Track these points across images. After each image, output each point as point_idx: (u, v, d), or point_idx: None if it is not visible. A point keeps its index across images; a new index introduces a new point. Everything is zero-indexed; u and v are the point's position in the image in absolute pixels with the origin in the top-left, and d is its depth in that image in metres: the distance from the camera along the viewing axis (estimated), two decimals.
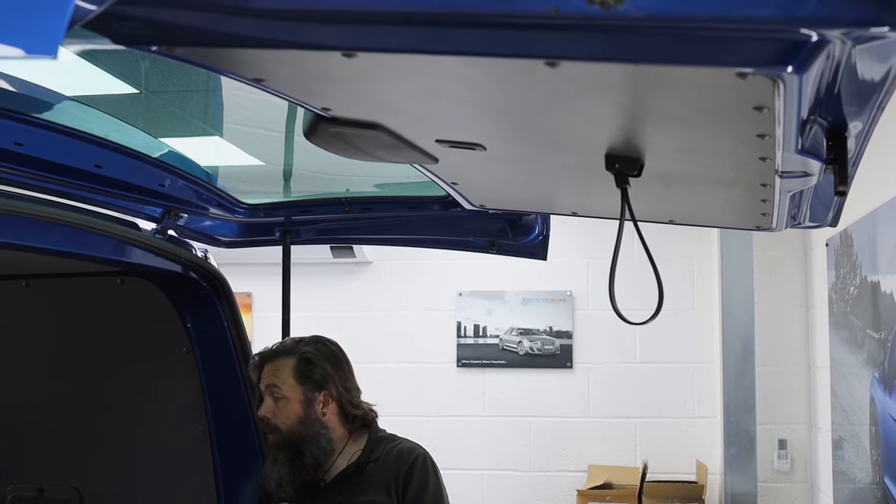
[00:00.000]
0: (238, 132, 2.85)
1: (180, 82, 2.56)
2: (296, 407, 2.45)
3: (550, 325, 5.68)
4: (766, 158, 1.56)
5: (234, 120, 2.80)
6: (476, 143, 1.73)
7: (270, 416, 2.46)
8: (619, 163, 1.70)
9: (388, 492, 2.43)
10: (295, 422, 2.45)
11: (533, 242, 2.86)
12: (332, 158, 2.79)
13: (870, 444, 3.64)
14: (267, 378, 2.48)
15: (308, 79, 1.37)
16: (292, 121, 2.73)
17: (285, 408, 2.46)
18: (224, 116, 2.79)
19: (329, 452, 2.47)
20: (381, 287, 5.80)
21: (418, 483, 2.45)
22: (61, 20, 0.84)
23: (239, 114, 2.75)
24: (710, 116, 1.33)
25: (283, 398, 2.46)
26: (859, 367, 3.81)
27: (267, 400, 2.47)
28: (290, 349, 2.51)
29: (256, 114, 2.71)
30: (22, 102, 2.07)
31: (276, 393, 2.47)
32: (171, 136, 2.67)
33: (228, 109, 2.75)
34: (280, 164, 2.91)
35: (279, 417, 2.45)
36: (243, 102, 2.66)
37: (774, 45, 0.98)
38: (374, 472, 2.47)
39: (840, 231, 4.12)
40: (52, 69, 2.10)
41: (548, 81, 1.17)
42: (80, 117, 2.21)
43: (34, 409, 3.13)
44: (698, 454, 5.38)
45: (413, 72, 1.22)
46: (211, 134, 2.86)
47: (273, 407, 2.46)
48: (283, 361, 2.49)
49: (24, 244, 2.26)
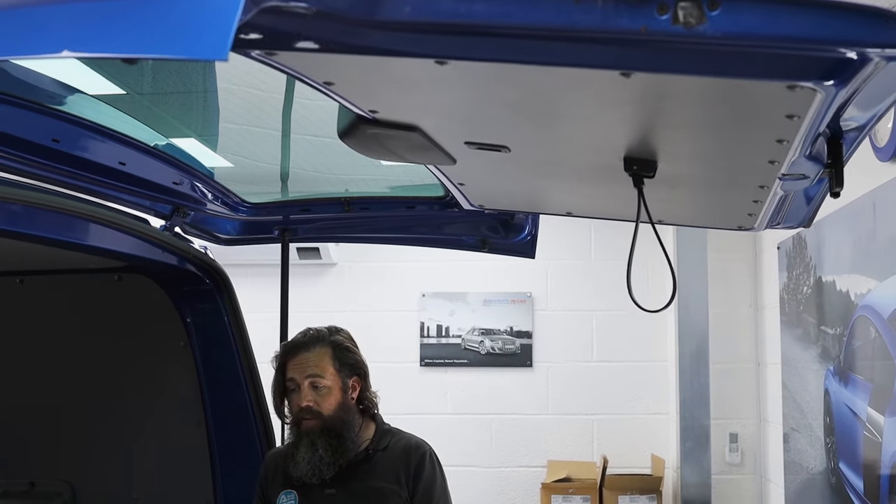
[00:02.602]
0: (241, 132, 2.94)
1: (179, 84, 2.65)
2: (337, 394, 2.54)
3: (511, 325, 5.86)
4: (774, 162, 1.74)
5: (237, 120, 2.90)
6: (502, 145, 1.87)
7: (313, 405, 2.52)
8: (638, 165, 1.85)
9: (397, 480, 2.53)
10: (336, 408, 2.53)
11: (523, 241, 3.00)
12: (334, 159, 2.92)
13: (824, 434, 3.88)
14: (304, 368, 2.53)
15: (376, 83, 1.50)
16: (288, 121, 2.84)
17: (328, 395, 2.53)
18: (228, 117, 2.88)
19: (358, 437, 2.57)
20: (345, 288, 5.91)
21: (428, 476, 2.57)
22: (229, 25, 0.96)
23: (242, 114, 2.84)
24: (743, 123, 1.49)
25: (325, 387, 2.53)
26: (812, 362, 4.05)
27: (306, 389, 2.52)
28: (323, 338, 2.59)
29: (260, 115, 2.81)
30: (60, 100, 2.15)
31: (318, 382, 2.53)
32: (182, 136, 2.76)
33: (232, 110, 2.84)
34: (283, 164, 3.01)
35: (322, 405, 2.52)
36: (248, 103, 2.76)
37: (825, 62, 1.15)
38: (382, 460, 2.57)
39: (793, 235, 4.37)
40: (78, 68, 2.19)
41: (612, 91, 1.32)
42: (108, 115, 2.29)
43: (27, 405, 3.14)
44: (653, 449, 5.61)
45: (490, 79, 1.36)
46: (214, 134, 2.95)
47: (314, 395, 2.52)
48: (321, 350, 2.56)
49: (32, 234, 2.27)
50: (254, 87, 2.59)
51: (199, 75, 2.60)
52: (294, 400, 2.55)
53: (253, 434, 3.05)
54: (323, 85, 1.51)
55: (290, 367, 2.56)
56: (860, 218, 3.42)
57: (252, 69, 2.55)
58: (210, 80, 2.63)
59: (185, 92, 2.75)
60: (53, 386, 3.13)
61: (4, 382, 3.13)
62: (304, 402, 2.52)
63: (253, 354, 3.03)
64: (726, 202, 2.29)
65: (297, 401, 2.53)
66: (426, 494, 2.56)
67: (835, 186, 1.81)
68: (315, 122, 2.72)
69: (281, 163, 3.05)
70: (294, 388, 2.55)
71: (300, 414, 2.53)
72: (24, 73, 1.98)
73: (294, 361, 2.55)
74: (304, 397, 2.52)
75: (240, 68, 2.54)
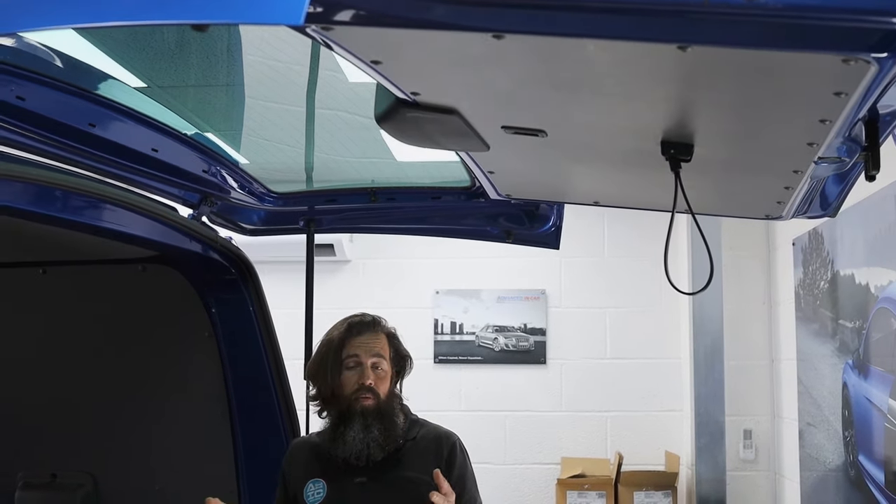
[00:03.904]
0: (267, 121, 2.94)
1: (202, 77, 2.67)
2: (389, 381, 2.56)
3: (525, 322, 5.87)
4: (813, 144, 1.75)
5: (263, 110, 2.90)
6: (540, 128, 1.89)
7: (374, 385, 2.51)
8: (675, 148, 1.86)
9: (427, 470, 2.50)
10: (389, 393, 2.55)
11: (547, 232, 3.01)
12: (361, 148, 2.93)
13: (842, 427, 3.89)
14: (370, 347, 2.54)
15: (425, 61, 1.52)
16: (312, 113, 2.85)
17: (384, 379, 2.54)
18: (255, 107, 2.88)
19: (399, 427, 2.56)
20: (359, 285, 5.92)
21: (458, 466, 2.57)
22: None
23: (269, 104, 2.85)
24: (788, 101, 1.50)
25: (384, 370, 2.55)
26: (830, 356, 4.06)
27: (368, 368, 2.52)
28: (384, 324, 2.61)
29: (287, 104, 2.82)
30: (96, 83, 2.16)
31: (380, 364, 2.54)
32: (212, 126, 2.77)
33: (259, 100, 2.85)
34: (310, 154, 3.01)
35: (379, 387, 2.52)
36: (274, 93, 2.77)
37: (883, 34, 1.16)
38: (412, 450, 2.56)
39: (808, 230, 4.38)
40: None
41: (664, 66, 1.34)
42: (144, 100, 2.31)
43: (49, 396, 3.14)
44: (667, 446, 5.61)
45: (543, 54, 1.37)
46: (240, 124, 2.95)
47: (374, 376, 2.52)
48: (380, 335, 2.57)
49: (64, 218, 2.27)
50: (279, 70, 2.60)
51: (224, 68, 2.62)
52: (352, 378, 2.52)
53: (278, 424, 3.05)
54: (370, 64, 1.53)
55: (354, 345, 2.54)
56: (880, 210, 3.44)
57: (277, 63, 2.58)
58: (237, 73, 2.64)
59: (212, 85, 2.76)
60: (75, 377, 3.13)
61: (26, 374, 3.13)
62: (367, 380, 2.51)
63: (278, 344, 3.03)
64: (756, 189, 2.30)
65: (359, 378, 2.51)
66: (456, 484, 2.56)
67: (871, 170, 1.83)
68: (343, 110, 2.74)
69: (306, 152, 3.05)
70: (355, 365, 2.53)
71: (359, 392, 2.51)
72: (66, 58, 2.00)
73: (359, 339, 2.55)
74: (366, 375, 2.51)
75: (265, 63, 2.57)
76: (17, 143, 2.02)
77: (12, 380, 3.12)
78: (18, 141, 2.02)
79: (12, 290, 3.15)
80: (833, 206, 2.60)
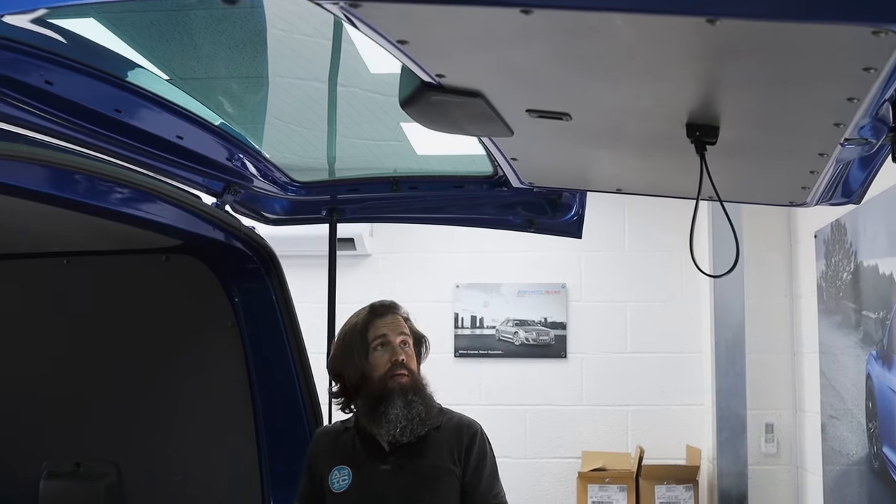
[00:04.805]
0: (290, 108, 2.94)
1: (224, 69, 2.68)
2: (416, 359, 2.60)
3: (545, 316, 5.86)
4: (839, 124, 1.74)
5: (286, 98, 2.90)
6: (564, 112, 1.88)
7: (406, 360, 2.55)
8: (700, 131, 1.86)
9: (451, 458, 2.53)
10: (418, 370, 2.59)
11: (569, 221, 3.01)
12: (384, 136, 2.93)
13: (866, 419, 3.87)
14: (396, 327, 2.58)
15: (451, 40, 1.52)
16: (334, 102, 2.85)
17: (413, 358, 2.58)
18: (278, 92, 2.88)
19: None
20: (380, 279, 5.93)
21: (480, 453, 2.58)
22: None
23: (292, 92, 2.85)
24: (815, 78, 1.49)
25: (411, 348, 2.59)
26: (853, 347, 4.03)
27: (398, 346, 2.55)
28: (397, 305, 2.67)
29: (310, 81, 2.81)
30: (123, 69, 2.17)
31: (408, 341, 2.59)
32: (235, 114, 2.78)
33: (282, 88, 2.86)
34: (332, 143, 3.02)
35: (412, 365, 2.56)
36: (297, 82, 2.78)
37: None
38: (436, 438, 2.56)
39: (831, 222, 4.36)
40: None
41: (692, 41, 1.33)
42: (169, 87, 2.32)
43: (73, 386, 3.15)
44: (688, 440, 5.59)
45: (571, 30, 1.37)
46: (263, 112, 2.96)
47: (403, 353, 2.55)
48: (401, 316, 2.63)
49: (91, 204, 2.28)
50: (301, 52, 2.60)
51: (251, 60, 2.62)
52: (383, 357, 2.55)
53: (301, 414, 3.06)
54: (397, 44, 1.53)
55: (380, 325, 2.58)
56: None
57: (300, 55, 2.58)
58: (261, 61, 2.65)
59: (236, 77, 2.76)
60: (99, 367, 3.14)
61: (50, 363, 3.15)
62: (400, 356, 2.54)
63: (301, 334, 3.04)
64: (781, 174, 2.29)
65: (391, 356, 2.54)
66: (477, 472, 2.57)
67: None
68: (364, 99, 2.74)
69: (328, 141, 3.05)
70: (385, 343, 2.56)
71: (393, 370, 2.53)
72: (93, 44, 2.01)
73: (385, 320, 2.59)
74: (398, 352, 2.54)
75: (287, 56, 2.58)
76: (44, 128, 2.04)
77: (36, 370, 3.15)
78: (45, 126, 2.03)
79: (37, 280, 3.17)
80: (857, 193, 2.58)
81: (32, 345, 3.14)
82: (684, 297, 5.75)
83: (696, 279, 5.72)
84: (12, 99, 1.94)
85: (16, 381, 3.12)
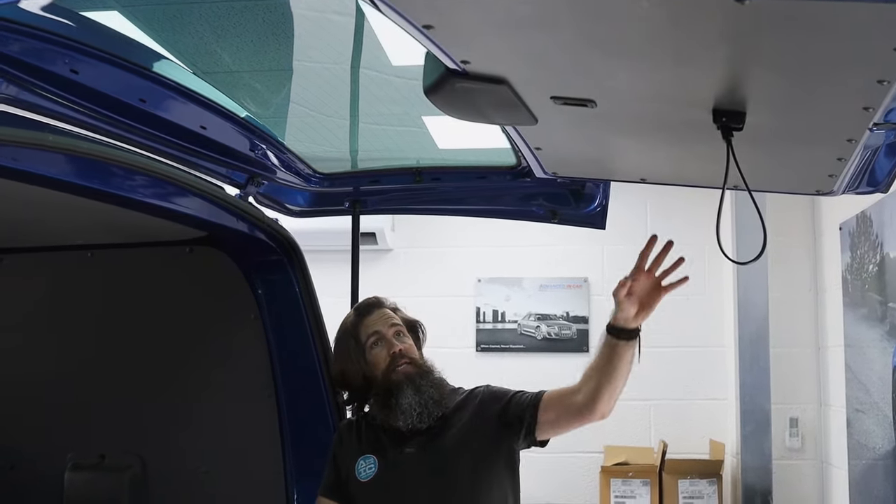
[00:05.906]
0: (312, 98, 2.94)
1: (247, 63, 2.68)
2: (415, 345, 2.61)
3: (567, 310, 5.84)
4: (868, 108, 1.71)
5: (308, 89, 2.90)
6: (589, 98, 1.87)
7: (405, 350, 2.55)
8: (727, 116, 1.84)
9: (472, 424, 2.53)
10: (421, 355, 2.60)
11: (593, 212, 2.99)
12: (406, 126, 2.92)
13: (892, 412, 3.83)
14: (386, 320, 2.59)
15: (477, 24, 1.51)
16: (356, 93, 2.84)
17: (411, 346, 2.58)
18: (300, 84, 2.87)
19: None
20: (401, 274, 5.93)
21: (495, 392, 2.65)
22: None
23: (314, 84, 2.85)
24: (844, 60, 1.47)
25: (407, 336, 2.59)
26: (879, 340, 4.00)
27: (392, 339, 2.56)
28: (382, 300, 2.68)
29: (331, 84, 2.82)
30: (148, 59, 2.17)
31: (402, 331, 2.59)
32: (258, 105, 2.78)
33: (304, 79, 2.85)
34: (354, 134, 3.01)
35: (411, 353, 2.56)
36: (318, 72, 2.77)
37: None
38: (454, 414, 2.56)
39: (857, 214, 4.32)
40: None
41: (721, 22, 1.32)
42: (193, 77, 2.32)
43: (98, 378, 3.16)
44: (711, 434, 5.56)
45: (598, 12, 1.36)
46: (287, 103, 2.95)
47: (401, 344, 2.56)
48: (388, 308, 2.64)
49: (116, 194, 2.26)
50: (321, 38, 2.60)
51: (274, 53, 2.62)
52: (381, 353, 2.56)
53: (324, 407, 3.05)
54: (422, 29, 1.52)
55: (370, 323, 2.59)
56: None
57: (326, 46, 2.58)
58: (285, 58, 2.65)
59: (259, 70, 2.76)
60: (123, 359, 3.15)
61: (75, 356, 3.16)
62: (397, 347, 2.54)
63: (325, 326, 3.03)
64: (808, 161, 2.26)
65: (388, 350, 2.55)
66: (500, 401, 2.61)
67: None
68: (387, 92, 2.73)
69: (350, 133, 3.04)
70: (379, 339, 2.57)
71: (394, 361, 2.53)
72: (119, 34, 2.02)
73: (372, 317, 2.59)
74: (394, 344, 2.55)
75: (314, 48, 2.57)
76: (69, 117, 2.04)
77: (61, 362, 3.16)
78: (70, 115, 2.04)
79: (61, 273, 3.18)
80: (884, 182, 2.55)
81: (56, 338, 3.15)
82: (708, 290, 5.71)
83: (719, 273, 5.68)
84: (38, 88, 1.95)
85: (40, 374, 3.14)
